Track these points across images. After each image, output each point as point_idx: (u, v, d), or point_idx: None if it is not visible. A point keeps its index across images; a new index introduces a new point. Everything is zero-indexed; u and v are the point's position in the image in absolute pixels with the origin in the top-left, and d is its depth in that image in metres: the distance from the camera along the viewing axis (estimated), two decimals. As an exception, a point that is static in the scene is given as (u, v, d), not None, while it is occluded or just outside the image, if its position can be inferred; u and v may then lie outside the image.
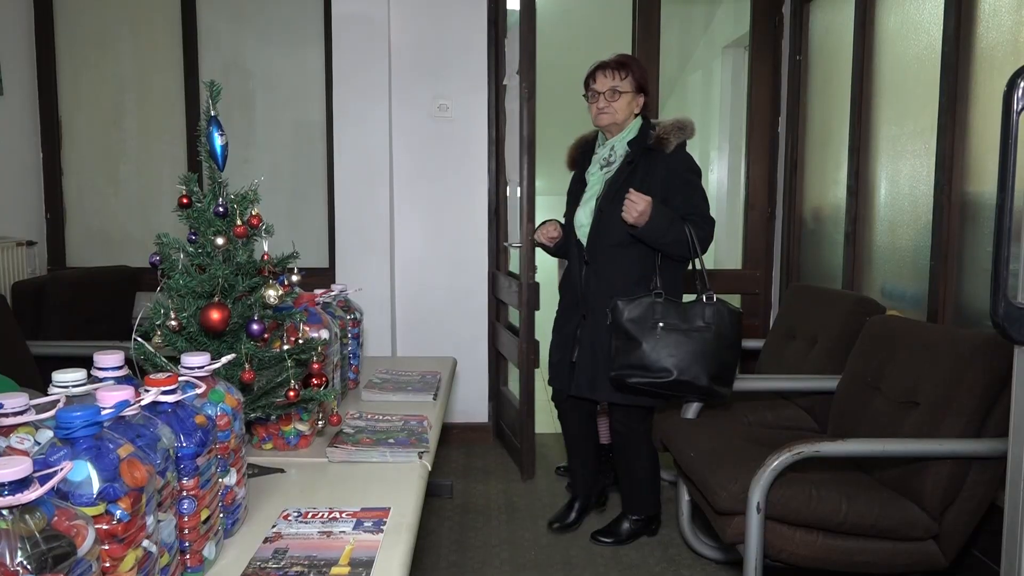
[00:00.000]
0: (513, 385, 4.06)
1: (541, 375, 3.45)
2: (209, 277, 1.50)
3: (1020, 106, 1.08)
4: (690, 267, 2.71)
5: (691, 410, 2.76)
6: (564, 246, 2.88)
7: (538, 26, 3.37)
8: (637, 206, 2.50)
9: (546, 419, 4.14)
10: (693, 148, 2.80)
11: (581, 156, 2.94)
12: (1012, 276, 1.10)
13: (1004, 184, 1.07)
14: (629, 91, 2.74)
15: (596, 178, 2.80)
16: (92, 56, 4.10)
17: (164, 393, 1.08)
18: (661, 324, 2.52)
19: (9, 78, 3.84)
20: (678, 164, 2.67)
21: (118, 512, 0.87)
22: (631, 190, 2.53)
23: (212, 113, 1.52)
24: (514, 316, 3.96)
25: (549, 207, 4.31)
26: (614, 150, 2.77)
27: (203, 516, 1.12)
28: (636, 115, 2.78)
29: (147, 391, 1.06)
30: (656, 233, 2.55)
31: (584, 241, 2.76)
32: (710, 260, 3.63)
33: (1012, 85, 1.08)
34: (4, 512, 0.70)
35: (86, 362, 1.16)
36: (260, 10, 4.09)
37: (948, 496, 2.08)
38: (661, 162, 2.66)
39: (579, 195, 2.85)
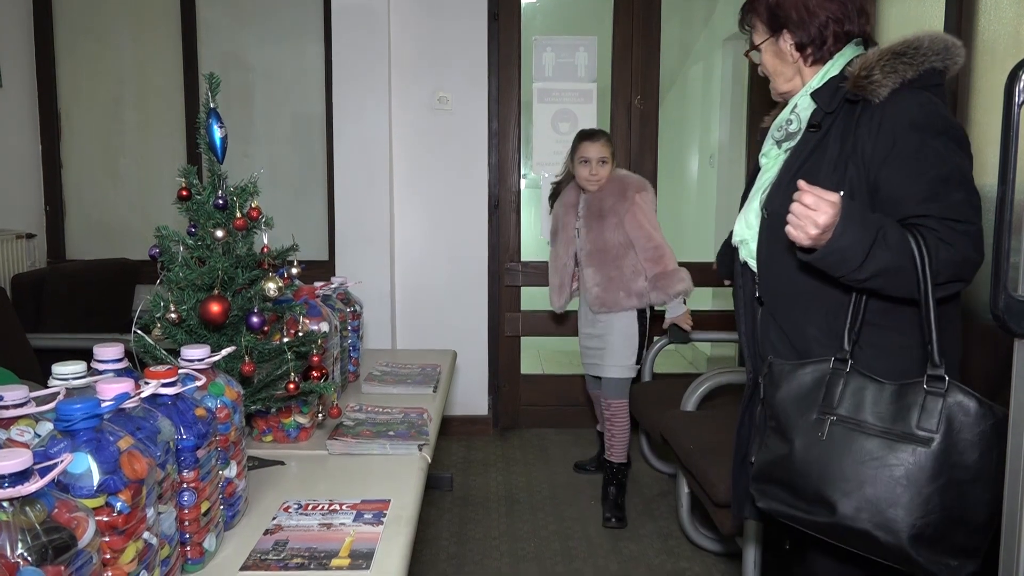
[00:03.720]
0: (530, 365, 4.07)
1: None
2: (209, 270, 1.49)
3: (1021, 99, 1.07)
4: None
5: (690, 402, 2.76)
6: (730, 265, 1.85)
7: (532, 17, 3.36)
8: (812, 214, 1.35)
9: (545, 399, 4.15)
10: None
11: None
12: (1013, 269, 1.10)
13: (1005, 177, 1.07)
14: (765, 37, 1.67)
15: (772, 160, 1.68)
16: (91, 49, 4.09)
17: (164, 386, 1.08)
18: (833, 418, 1.42)
19: (8, 71, 3.83)
20: (898, 118, 1.45)
21: (118, 504, 0.87)
22: (800, 183, 1.37)
23: (211, 105, 1.51)
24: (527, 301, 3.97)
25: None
26: (796, 112, 1.65)
27: (203, 508, 1.12)
28: (855, 43, 1.62)
29: (147, 383, 1.06)
30: (846, 261, 1.38)
31: (752, 262, 1.65)
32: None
33: (1013, 78, 1.08)
34: (4, 504, 0.70)
35: (86, 355, 1.16)
36: (259, 2, 4.08)
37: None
38: (871, 120, 1.48)
39: (747, 191, 1.77)
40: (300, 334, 1.63)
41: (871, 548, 1.37)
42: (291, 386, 1.55)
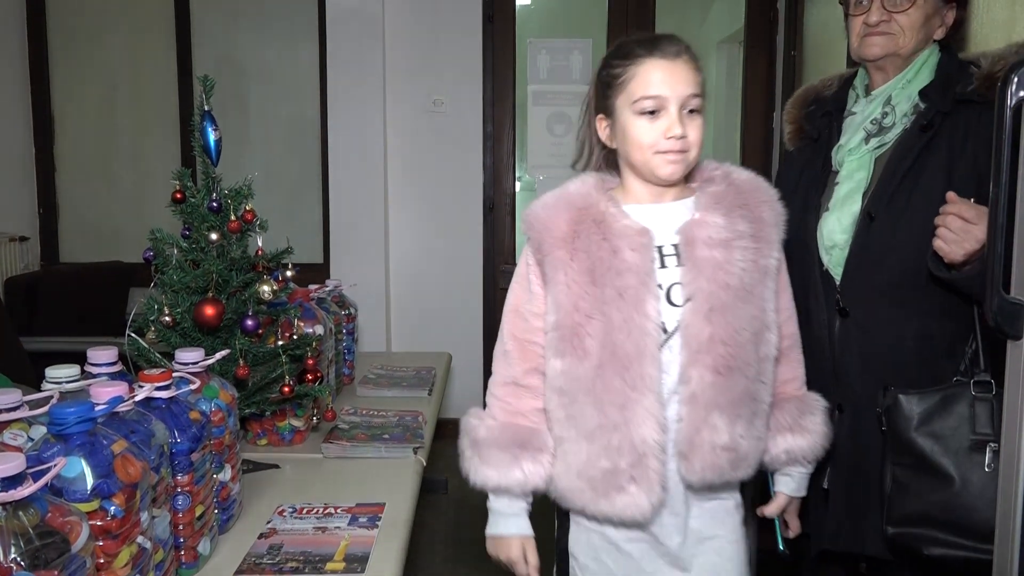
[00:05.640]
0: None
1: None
2: (203, 273, 1.49)
3: (1014, 100, 1.08)
4: None
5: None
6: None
7: (527, 20, 3.37)
8: (974, 228, 1.24)
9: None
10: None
11: (813, 120, 1.64)
12: (1005, 271, 1.11)
13: (997, 179, 1.08)
14: None
15: (858, 158, 1.52)
16: (85, 51, 4.08)
17: (158, 389, 1.08)
18: (994, 445, 1.27)
19: (1, 73, 3.82)
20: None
21: (112, 508, 0.87)
22: (951, 195, 1.28)
23: (206, 108, 1.51)
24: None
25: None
26: (892, 106, 1.49)
27: (198, 512, 1.12)
28: (935, 41, 1.51)
29: (141, 387, 1.06)
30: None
31: (837, 274, 1.49)
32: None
33: (1006, 79, 1.08)
34: (-3, 508, 0.70)
35: (79, 358, 1.15)
36: (254, 5, 4.07)
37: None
38: (987, 127, 1.25)
39: (812, 190, 1.57)
40: (295, 337, 1.63)
41: None
42: (286, 389, 1.54)
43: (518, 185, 4.12)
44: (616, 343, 1.20)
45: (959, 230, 1.25)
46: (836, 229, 1.50)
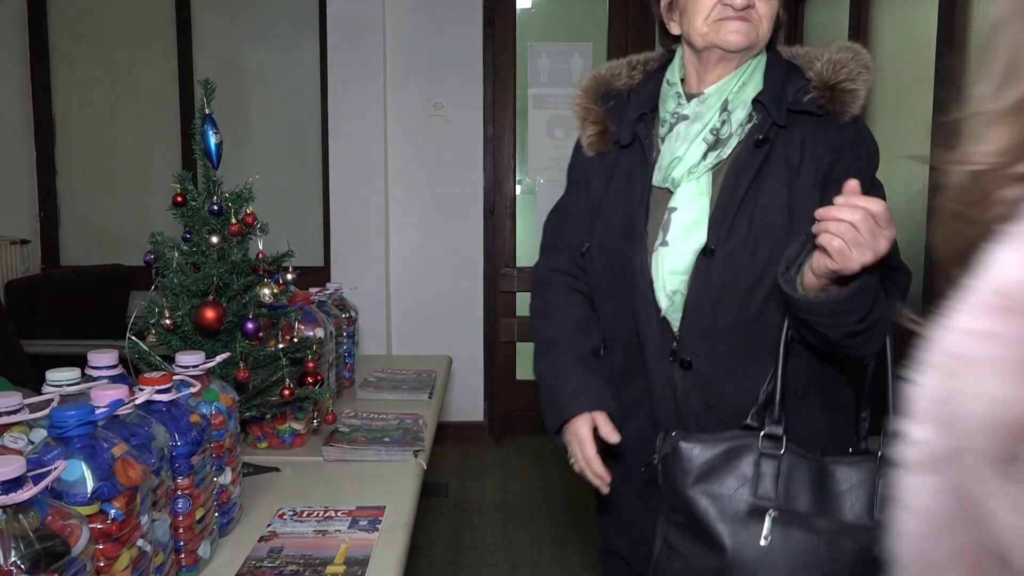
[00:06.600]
0: (525, 371, 4.07)
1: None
2: (203, 276, 1.49)
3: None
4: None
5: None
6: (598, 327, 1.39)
7: (527, 23, 3.37)
8: (885, 230, 1.01)
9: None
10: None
11: (619, 120, 1.33)
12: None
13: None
14: None
15: (698, 179, 1.25)
16: (86, 54, 4.09)
17: (158, 392, 1.08)
18: (774, 513, 1.08)
19: (2, 76, 3.83)
20: (861, 147, 1.26)
21: (112, 511, 0.87)
22: (853, 184, 1.02)
23: (206, 111, 1.51)
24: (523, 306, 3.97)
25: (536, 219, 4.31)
26: (728, 113, 1.25)
27: (198, 515, 1.12)
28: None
29: (141, 390, 1.06)
30: (867, 299, 1.07)
31: (675, 319, 1.25)
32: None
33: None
34: (-2, 511, 0.70)
35: (80, 361, 1.15)
36: (255, 8, 4.08)
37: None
38: (822, 141, 1.22)
39: (637, 215, 1.28)
40: (295, 340, 1.63)
41: None
42: (286, 392, 1.54)
43: (518, 188, 4.13)
44: None
45: (868, 232, 0.97)
46: (680, 269, 1.23)
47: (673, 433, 1.16)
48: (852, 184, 1.01)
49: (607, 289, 1.33)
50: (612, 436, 1.27)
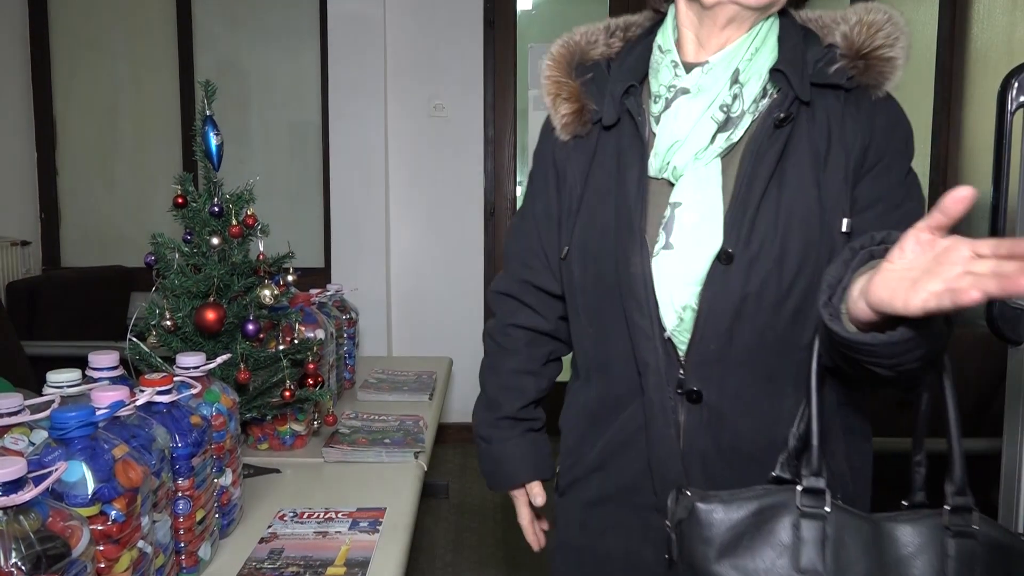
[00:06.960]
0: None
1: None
2: (204, 277, 1.49)
3: (1014, 105, 1.08)
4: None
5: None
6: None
7: (528, 25, 3.37)
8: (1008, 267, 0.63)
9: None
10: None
11: (598, 96, 1.09)
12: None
13: (998, 184, 1.08)
14: None
15: (706, 165, 1.00)
16: (87, 56, 4.09)
17: (159, 393, 1.08)
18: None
19: (3, 78, 3.83)
20: (897, 130, 1.01)
21: (113, 513, 0.87)
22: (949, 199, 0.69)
23: (207, 113, 1.52)
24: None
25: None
26: (741, 85, 1.00)
27: (198, 517, 1.12)
28: None
29: (142, 391, 1.06)
30: (932, 342, 0.80)
31: (683, 336, 1.01)
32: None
33: (1006, 85, 1.09)
34: (-2, 513, 0.70)
35: (81, 362, 1.16)
36: (255, 10, 4.08)
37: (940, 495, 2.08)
38: (852, 121, 0.99)
39: (634, 209, 1.02)
40: (296, 341, 1.63)
41: None
42: (287, 393, 1.54)
43: (519, 190, 4.13)
44: None
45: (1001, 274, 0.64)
46: (692, 279, 0.98)
47: (688, 492, 0.88)
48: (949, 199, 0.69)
49: (593, 303, 1.07)
50: (539, 499, 1.31)
